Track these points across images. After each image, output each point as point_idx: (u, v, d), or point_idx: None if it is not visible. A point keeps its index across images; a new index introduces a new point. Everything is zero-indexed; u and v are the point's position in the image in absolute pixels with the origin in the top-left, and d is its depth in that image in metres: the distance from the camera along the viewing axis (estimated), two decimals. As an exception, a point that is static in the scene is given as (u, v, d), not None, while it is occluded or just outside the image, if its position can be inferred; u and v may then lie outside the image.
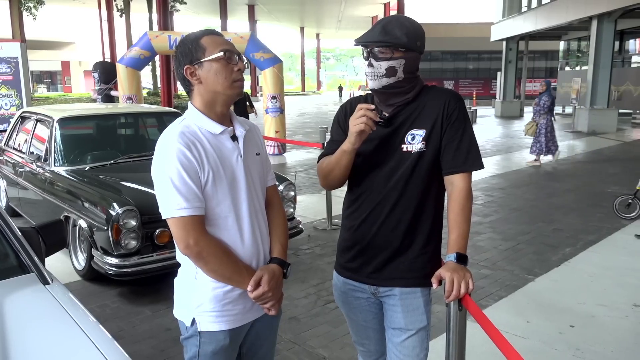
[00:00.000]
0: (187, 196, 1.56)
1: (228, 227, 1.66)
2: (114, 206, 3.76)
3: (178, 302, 1.75)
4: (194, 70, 1.64)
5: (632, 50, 21.28)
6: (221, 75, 1.63)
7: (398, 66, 1.71)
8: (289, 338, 3.35)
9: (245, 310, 1.71)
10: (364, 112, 1.65)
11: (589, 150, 12.59)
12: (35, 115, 5.45)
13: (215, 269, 1.62)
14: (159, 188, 1.60)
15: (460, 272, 1.63)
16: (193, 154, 1.57)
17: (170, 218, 1.58)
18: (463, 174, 1.75)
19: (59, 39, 48.28)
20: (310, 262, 4.79)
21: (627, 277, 4.34)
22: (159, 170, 1.59)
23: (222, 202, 1.64)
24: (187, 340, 1.71)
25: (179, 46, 1.67)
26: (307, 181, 8.58)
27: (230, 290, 1.66)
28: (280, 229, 1.84)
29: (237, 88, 1.67)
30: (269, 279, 1.67)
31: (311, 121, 21.24)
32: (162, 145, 1.61)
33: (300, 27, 54.26)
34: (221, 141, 1.66)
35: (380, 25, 1.71)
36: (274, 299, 1.70)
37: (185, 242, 1.57)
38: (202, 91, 1.66)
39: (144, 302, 3.91)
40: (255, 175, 1.74)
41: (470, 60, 38.12)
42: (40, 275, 1.91)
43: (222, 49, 1.64)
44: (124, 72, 11.05)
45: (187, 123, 1.65)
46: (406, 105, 1.77)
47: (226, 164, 1.65)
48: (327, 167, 1.81)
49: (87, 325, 1.66)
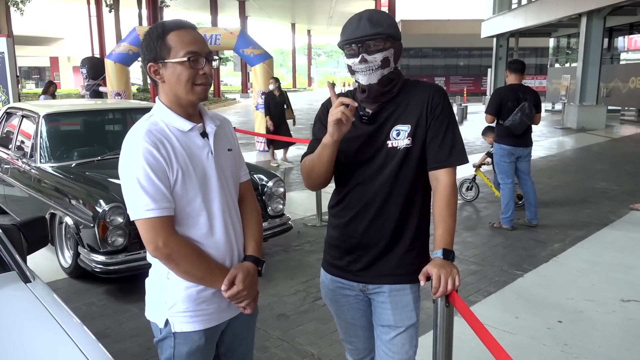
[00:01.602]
0: (154, 197, 1.51)
1: (199, 226, 1.62)
2: (101, 203, 3.71)
3: (150, 303, 1.70)
4: (157, 68, 1.58)
5: (620, 47, 21.41)
6: (183, 79, 1.55)
7: (390, 56, 1.70)
8: (278, 335, 3.33)
9: (220, 309, 1.68)
10: (340, 101, 1.62)
11: (578, 146, 12.66)
12: (21, 111, 5.38)
13: (187, 270, 1.58)
14: (125, 189, 1.55)
15: (447, 268, 1.62)
16: (161, 152, 1.52)
17: (138, 220, 1.53)
18: (447, 169, 1.73)
19: (47, 34, 47.80)
20: (300, 259, 4.78)
21: (615, 273, 4.36)
22: (126, 170, 1.54)
23: (192, 201, 1.59)
24: (162, 342, 1.67)
25: (144, 38, 1.60)
26: (296, 177, 8.56)
27: (204, 290, 1.63)
28: (254, 225, 1.80)
29: (200, 93, 1.59)
30: (243, 277, 1.63)
31: (302, 117, 21.15)
32: (129, 144, 1.55)
33: (292, 24, 54.06)
34: (190, 138, 1.61)
35: (364, 19, 1.68)
36: (249, 298, 1.66)
37: (154, 244, 1.53)
38: (166, 90, 1.60)
39: (131, 299, 3.88)
40: (227, 171, 1.70)
41: (460, 57, 38.20)
42: (21, 273, 1.88)
43: (189, 50, 1.54)
44: (113, 67, 10.97)
45: (154, 120, 1.59)
46: (390, 100, 1.75)
47: (196, 161, 1.60)
48: (309, 165, 1.78)
49: (69, 325, 1.62)
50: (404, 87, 1.78)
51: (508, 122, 5.44)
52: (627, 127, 17.50)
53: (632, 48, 20.72)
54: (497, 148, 5.74)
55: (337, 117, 1.61)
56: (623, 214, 6.20)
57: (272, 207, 4.67)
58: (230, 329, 1.77)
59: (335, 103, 1.63)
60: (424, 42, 36.77)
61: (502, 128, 5.59)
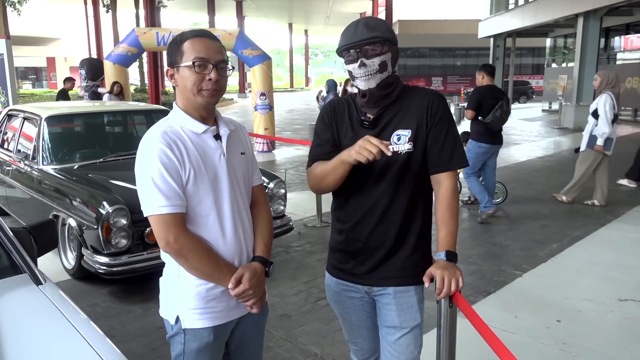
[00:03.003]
0: (167, 194, 1.59)
1: (209, 225, 1.68)
2: (104, 205, 3.75)
3: (163, 300, 1.77)
4: (173, 72, 1.68)
5: (617, 47, 21.49)
6: (189, 83, 1.64)
7: (388, 60, 1.74)
8: (281, 335, 3.37)
9: (229, 307, 1.73)
10: (378, 148, 1.57)
11: (575, 146, 12.70)
12: (23, 113, 5.40)
13: (195, 266, 1.64)
14: (140, 187, 1.64)
15: (451, 269, 1.67)
16: (174, 152, 1.60)
17: (151, 216, 1.62)
18: (449, 172, 1.78)
19: (44, 34, 47.72)
20: (301, 260, 4.82)
21: (612, 272, 4.42)
22: (141, 170, 1.62)
23: (203, 200, 1.66)
24: (173, 338, 1.73)
25: (169, 45, 1.70)
26: (296, 178, 8.59)
27: (213, 288, 1.69)
28: (264, 227, 1.86)
29: (207, 97, 1.66)
30: (250, 277, 1.69)
31: (300, 118, 21.23)
32: (145, 145, 1.64)
33: (289, 23, 54.05)
34: (204, 140, 1.69)
35: (361, 25, 1.73)
36: (255, 297, 1.72)
37: (166, 240, 1.60)
38: (179, 93, 1.70)
39: (134, 300, 3.91)
40: (239, 174, 1.77)
41: (458, 57, 38.32)
42: (32, 275, 1.92)
43: (196, 57, 1.62)
44: (112, 68, 10.97)
45: (170, 123, 1.68)
46: (390, 105, 1.79)
47: (208, 162, 1.67)
48: (320, 174, 1.79)
49: (80, 324, 1.67)
50: (403, 92, 1.82)
51: (488, 118, 5.89)
52: (624, 126, 17.57)
53: (628, 48, 20.80)
54: (474, 146, 6.05)
55: (363, 160, 1.59)
56: (620, 214, 6.27)
57: (273, 209, 4.70)
58: (240, 327, 1.82)
59: (373, 142, 1.59)
60: (421, 42, 36.88)
61: (480, 125, 5.99)
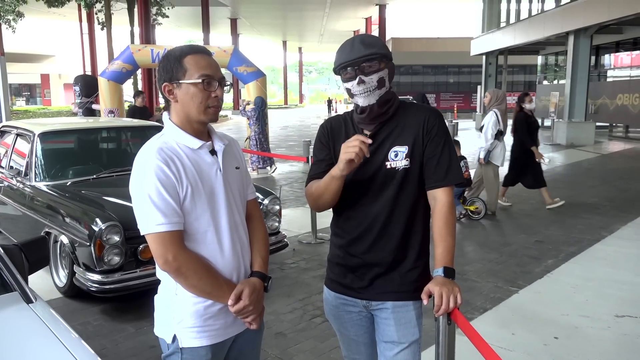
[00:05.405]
0: (165, 212, 1.56)
1: (207, 241, 1.66)
2: (97, 221, 3.71)
3: (159, 319, 1.73)
4: (172, 88, 1.65)
5: (607, 64, 21.81)
6: (196, 100, 1.63)
7: (385, 76, 1.75)
8: (276, 354, 3.32)
9: (226, 325, 1.71)
10: (359, 143, 1.63)
11: (568, 162, 12.80)
12: (16, 130, 5.37)
13: (194, 284, 1.61)
14: (137, 204, 1.60)
15: (449, 286, 1.65)
16: (171, 169, 1.58)
17: (148, 234, 1.58)
18: (445, 188, 1.78)
19: (38, 51, 47.81)
20: (296, 277, 4.78)
21: (608, 288, 4.40)
22: (137, 187, 1.59)
23: (200, 216, 1.64)
24: (169, 357, 1.69)
25: (162, 60, 1.67)
26: (291, 195, 8.57)
27: (211, 305, 1.66)
28: (261, 242, 1.84)
29: (211, 114, 1.67)
30: (249, 292, 1.67)
31: (294, 134, 21.28)
32: (140, 162, 1.61)
33: (283, 41, 54.54)
34: (200, 156, 1.67)
35: (357, 42, 1.73)
36: (255, 313, 1.70)
37: (164, 258, 1.57)
38: (177, 109, 1.67)
39: (127, 319, 3.85)
40: (235, 188, 1.75)
41: (450, 74, 38.68)
42: (23, 293, 1.88)
43: (203, 74, 1.62)
44: (106, 85, 10.98)
45: (165, 139, 1.66)
46: (386, 122, 1.80)
47: (205, 178, 1.65)
48: (316, 192, 1.81)
49: (71, 344, 1.63)
50: (399, 109, 1.82)
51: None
52: (616, 143, 17.73)
53: (618, 65, 21.11)
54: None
55: (350, 157, 1.63)
56: (615, 229, 6.27)
57: (268, 225, 4.67)
58: (237, 344, 1.79)
59: (352, 142, 1.64)
60: (414, 59, 37.22)
61: None
